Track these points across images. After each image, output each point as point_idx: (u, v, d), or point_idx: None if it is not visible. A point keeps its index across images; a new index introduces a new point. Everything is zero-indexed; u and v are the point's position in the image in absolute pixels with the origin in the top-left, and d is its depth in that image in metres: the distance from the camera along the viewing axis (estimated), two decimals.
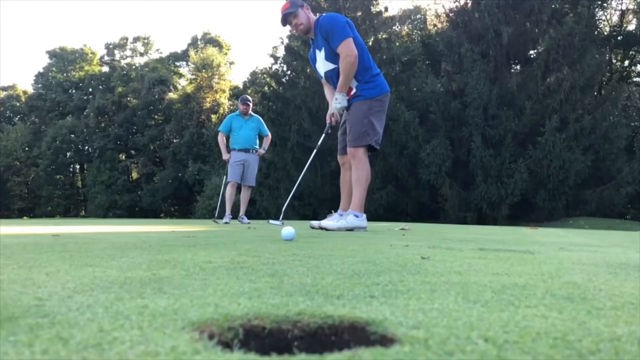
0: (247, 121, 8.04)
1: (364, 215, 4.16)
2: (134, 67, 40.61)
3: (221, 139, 8.09)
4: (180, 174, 31.22)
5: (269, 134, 8.25)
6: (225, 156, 8.01)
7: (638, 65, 24.15)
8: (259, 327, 0.73)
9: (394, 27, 23.21)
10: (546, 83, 16.48)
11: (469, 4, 18.11)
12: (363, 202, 4.17)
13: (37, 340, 0.63)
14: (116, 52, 41.76)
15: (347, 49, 4.08)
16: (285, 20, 4.33)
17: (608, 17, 23.02)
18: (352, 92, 4.27)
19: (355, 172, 4.16)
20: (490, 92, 16.03)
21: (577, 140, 15.32)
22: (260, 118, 8.32)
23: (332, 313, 0.79)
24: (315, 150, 4.93)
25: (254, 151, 8.04)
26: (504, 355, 0.60)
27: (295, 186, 5.37)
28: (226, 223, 7.15)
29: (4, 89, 43.77)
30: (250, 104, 8.18)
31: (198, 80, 33.63)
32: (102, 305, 0.85)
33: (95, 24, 75.77)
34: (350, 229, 4.02)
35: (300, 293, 0.98)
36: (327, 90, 4.58)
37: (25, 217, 31.12)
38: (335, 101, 4.24)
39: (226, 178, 8.03)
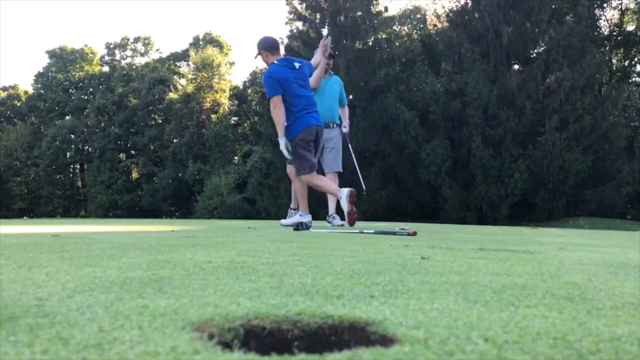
0: (328, 82, 5.81)
1: (308, 215, 5.15)
2: (134, 67, 40.59)
3: None
4: (180, 174, 31.18)
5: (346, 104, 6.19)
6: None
7: (638, 65, 24.13)
8: (259, 327, 0.73)
9: (393, 27, 23.20)
10: (546, 83, 16.47)
11: (469, 4, 18.10)
12: (303, 204, 5.25)
13: (37, 340, 0.63)
14: (117, 52, 41.75)
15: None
16: None
17: (608, 17, 23.01)
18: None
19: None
20: (490, 92, 16.01)
21: (577, 140, 15.31)
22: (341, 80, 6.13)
23: (332, 313, 0.79)
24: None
25: (334, 125, 5.84)
26: (504, 355, 0.60)
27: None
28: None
29: (4, 89, 43.75)
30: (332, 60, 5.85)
31: (198, 80, 33.61)
32: (102, 305, 0.85)
33: (96, 24, 75.74)
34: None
35: (300, 293, 0.98)
36: None
37: (25, 217, 31.13)
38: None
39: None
